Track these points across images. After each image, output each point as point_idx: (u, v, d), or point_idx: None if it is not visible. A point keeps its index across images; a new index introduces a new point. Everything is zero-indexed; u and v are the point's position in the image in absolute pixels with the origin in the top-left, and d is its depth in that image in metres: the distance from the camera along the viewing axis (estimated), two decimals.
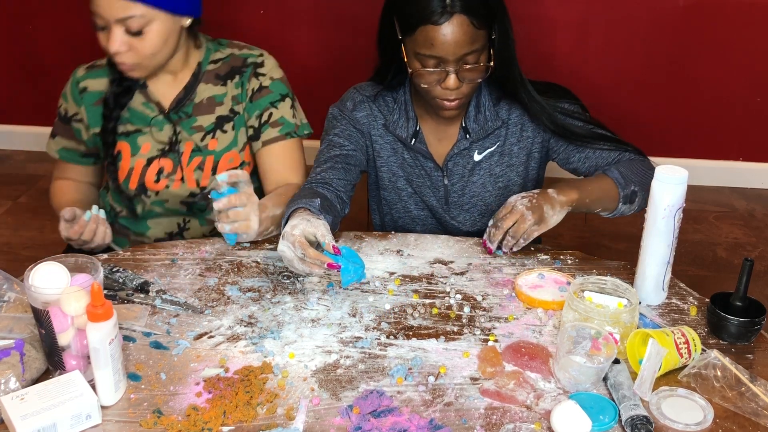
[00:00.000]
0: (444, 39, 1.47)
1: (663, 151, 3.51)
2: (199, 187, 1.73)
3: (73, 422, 1.07)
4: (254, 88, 1.73)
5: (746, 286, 1.30)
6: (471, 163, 1.70)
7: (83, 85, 1.71)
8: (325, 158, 1.65)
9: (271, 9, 3.43)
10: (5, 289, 1.28)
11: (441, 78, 1.52)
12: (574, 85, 1.77)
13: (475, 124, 1.67)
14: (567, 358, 1.19)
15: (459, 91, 1.54)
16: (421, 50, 1.50)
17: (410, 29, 1.51)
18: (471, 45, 1.49)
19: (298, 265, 1.35)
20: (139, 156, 1.71)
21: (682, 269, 2.81)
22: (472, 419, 1.12)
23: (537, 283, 1.44)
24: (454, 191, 1.73)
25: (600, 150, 1.64)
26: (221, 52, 1.76)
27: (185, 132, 1.72)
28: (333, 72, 3.50)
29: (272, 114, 1.73)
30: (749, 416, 1.13)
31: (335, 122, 1.71)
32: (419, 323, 1.35)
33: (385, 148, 1.73)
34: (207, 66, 1.73)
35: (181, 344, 1.27)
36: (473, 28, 1.48)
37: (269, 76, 1.75)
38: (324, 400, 1.16)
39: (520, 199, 1.49)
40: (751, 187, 3.58)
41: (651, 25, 3.31)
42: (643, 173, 1.57)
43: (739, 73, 3.37)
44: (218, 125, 1.73)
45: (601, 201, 1.55)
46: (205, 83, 1.72)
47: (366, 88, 1.73)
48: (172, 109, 1.71)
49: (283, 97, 1.75)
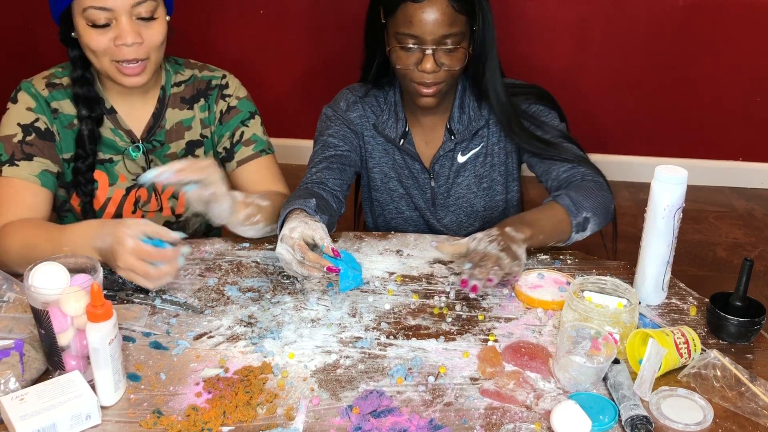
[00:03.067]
0: (423, 17, 1.49)
1: (663, 151, 3.52)
2: (174, 215, 1.70)
3: (73, 422, 1.07)
4: (222, 110, 1.69)
5: (746, 286, 1.30)
6: (456, 164, 1.71)
7: (54, 105, 1.57)
8: (319, 159, 1.65)
9: (270, 9, 3.43)
10: (5, 290, 1.28)
11: (418, 60, 1.53)
12: (575, 85, 1.78)
13: (460, 125, 1.68)
14: (567, 358, 1.19)
15: (436, 75, 1.54)
16: (400, 29, 1.52)
17: (392, 8, 1.53)
18: (449, 27, 1.50)
19: (297, 268, 1.34)
20: (118, 186, 1.63)
21: (682, 269, 2.81)
22: (471, 419, 1.12)
23: (537, 283, 1.44)
24: (440, 193, 1.74)
25: (559, 164, 1.61)
26: (182, 74, 1.68)
27: (158, 160, 1.66)
28: (333, 72, 3.50)
29: (244, 132, 1.69)
30: (749, 416, 1.13)
31: (329, 123, 1.71)
32: (419, 323, 1.35)
33: (377, 149, 1.74)
34: (171, 89, 1.66)
35: (181, 344, 1.27)
36: (453, 11, 1.50)
37: (235, 95, 1.71)
38: (324, 400, 1.16)
39: (487, 242, 1.37)
40: (750, 187, 3.58)
41: (651, 26, 3.31)
42: (596, 196, 1.53)
43: (739, 73, 3.37)
44: (189, 151, 1.69)
45: (553, 235, 1.50)
46: (172, 108, 1.66)
47: (358, 89, 1.74)
48: (145, 139, 1.64)
49: (252, 115, 1.72)
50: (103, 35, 1.48)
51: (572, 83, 3.33)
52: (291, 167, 3.52)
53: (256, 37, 3.47)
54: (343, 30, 3.42)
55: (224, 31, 3.48)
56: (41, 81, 1.59)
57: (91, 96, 1.58)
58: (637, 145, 3.52)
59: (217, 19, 3.46)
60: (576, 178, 1.58)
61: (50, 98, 1.57)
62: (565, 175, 1.60)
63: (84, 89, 1.57)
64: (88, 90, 1.57)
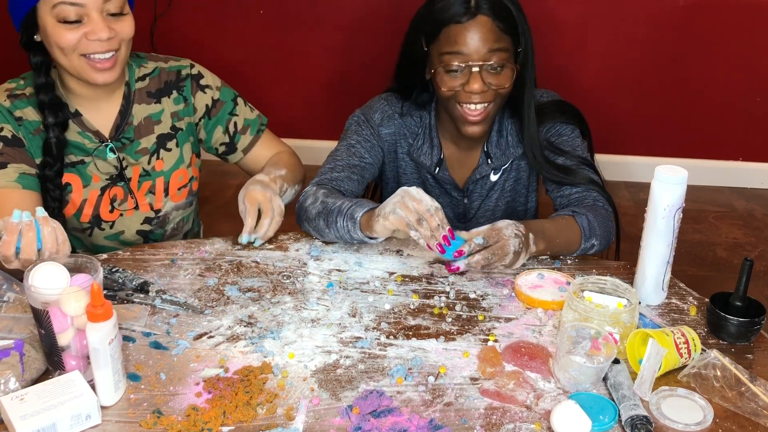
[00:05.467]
0: (468, 35, 1.48)
1: (663, 151, 3.51)
2: (153, 210, 1.70)
3: (73, 422, 1.07)
4: (207, 104, 1.70)
5: (746, 286, 1.30)
6: (489, 183, 1.72)
7: (18, 114, 1.55)
8: (343, 164, 1.65)
9: (270, 9, 3.43)
10: (5, 290, 1.28)
11: (464, 81, 1.51)
12: (575, 85, 1.78)
13: (497, 149, 1.68)
14: (567, 358, 1.19)
15: (483, 95, 1.52)
16: (444, 49, 1.51)
17: (435, 34, 1.52)
18: (495, 43, 1.49)
19: (413, 224, 1.35)
20: (92, 186, 1.62)
21: (682, 269, 2.81)
22: (471, 419, 1.12)
23: (537, 283, 1.44)
24: (472, 208, 1.75)
25: (571, 186, 1.61)
26: (145, 67, 1.66)
27: (130, 158, 1.65)
28: (333, 72, 3.50)
29: (236, 122, 1.73)
30: (749, 416, 1.13)
31: (359, 128, 1.70)
32: (419, 323, 1.35)
33: (410, 167, 1.74)
34: (135, 84, 1.64)
35: (181, 344, 1.27)
36: (497, 29, 1.49)
37: (214, 86, 1.71)
38: (324, 400, 1.16)
39: (513, 237, 1.38)
40: (750, 187, 3.58)
41: (651, 25, 3.31)
42: (605, 226, 1.55)
43: (739, 73, 3.37)
44: (160, 144, 1.67)
45: (559, 252, 1.52)
46: (138, 104, 1.64)
47: (395, 102, 1.71)
48: (114, 138, 1.62)
49: (235, 100, 1.74)
50: (73, 32, 1.46)
51: (572, 83, 3.33)
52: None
53: (256, 37, 3.47)
54: (343, 30, 3.42)
55: (224, 31, 3.48)
56: (2, 93, 1.57)
57: (55, 102, 1.56)
58: (636, 145, 3.52)
59: (217, 19, 3.46)
60: (587, 201, 1.58)
61: (12, 108, 1.55)
62: (576, 196, 1.60)
63: (48, 96, 1.55)
64: (53, 96, 1.55)
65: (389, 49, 1.72)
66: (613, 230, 1.58)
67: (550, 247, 1.48)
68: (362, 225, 1.45)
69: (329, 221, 1.50)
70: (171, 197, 1.71)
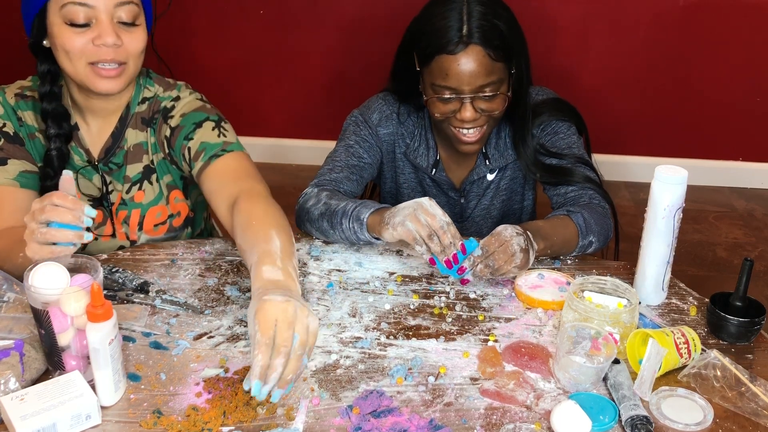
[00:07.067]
0: (459, 69, 1.46)
1: (663, 151, 3.51)
2: (129, 240, 1.62)
3: (73, 422, 1.07)
4: (167, 135, 1.57)
5: (746, 286, 1.30)
6: (485, 182, 1.73)
7: (19, 114, 1.53)
8: (342, 165, 1.65)
9: (270, 9, 3.43)
10: (5, 290, 1.28)
11: (456, 108, 1.52)
12: (575, 85, 1.78)
13: (495, 151, 1.68)
14: (567, 358, 1.19)
15: (476, 122, 1.52)
16: (436, 80, 1.50)
17: (427, 60, 1.51)
18: (487, 77, 1.48)
19: (422, 239, 1.33)
20: None
21: (682, 269, 2.81)
22: (472, 419, 1.12)
23: (537, 283, 1.44)
24: (468, 208, 1.76)
25: (567, 185, 1.61)
26: (148, 90, 1.59)
27: (116, 182, 1.59)
28: (333, 72, 3.50)
29: (190, 148, 1.54)
30: (749, 416, 1.13)
31: (358, 129, 1.70)
32: (419, 323, 1.35)
33: (407, 167, 1.74)
34: (136, 107, 1.58)
35: (181, 344, 1.27)
36: (489, 60, 1.47)
37: (179, 114, 1.56)
38: (324, 401, 1.16)
39: (515, 236, 1.35)
40: (750, 187, 3.58)
41: (651, 25, 3.31)
42: (603, 222, 1.54)
43: (739, 73, 3.37)
44: (145, 176, 1.60)
45: (559, 251, 1.51)
46: (132, 128, 1.58)
47: (392, 102, 1.71)
48: (101, 160, 1.57)
49: (199, 124, 1.54)
50: (80, 35, 1.42)
51: (572, 83, 3.33)
52: (291, 167, 3.53)
53: (256, 37, 3.47)
54: (343, 30, 3.42)
55: (224, 31, 3.47)
56: (13, 89, 1.55)
57: (60, 111, 1.52)
58: (637, 145, 3.52)
59: (217, 19, 3.46)
60: (583, 200, 1.58)
61: (16, 107, 1.54)
62: (573, 194, 1.60)
63: (52, 104, 1.51)
64: (57, 105, 1.52)
65: (389, 49, 1.72)
66: (611, 227, 1.58)
67: (548, 245, 1.47)
68: (369, 226, 1.44)
69: (334, 222, 1.49)
70: (146, 231, 1.63)
